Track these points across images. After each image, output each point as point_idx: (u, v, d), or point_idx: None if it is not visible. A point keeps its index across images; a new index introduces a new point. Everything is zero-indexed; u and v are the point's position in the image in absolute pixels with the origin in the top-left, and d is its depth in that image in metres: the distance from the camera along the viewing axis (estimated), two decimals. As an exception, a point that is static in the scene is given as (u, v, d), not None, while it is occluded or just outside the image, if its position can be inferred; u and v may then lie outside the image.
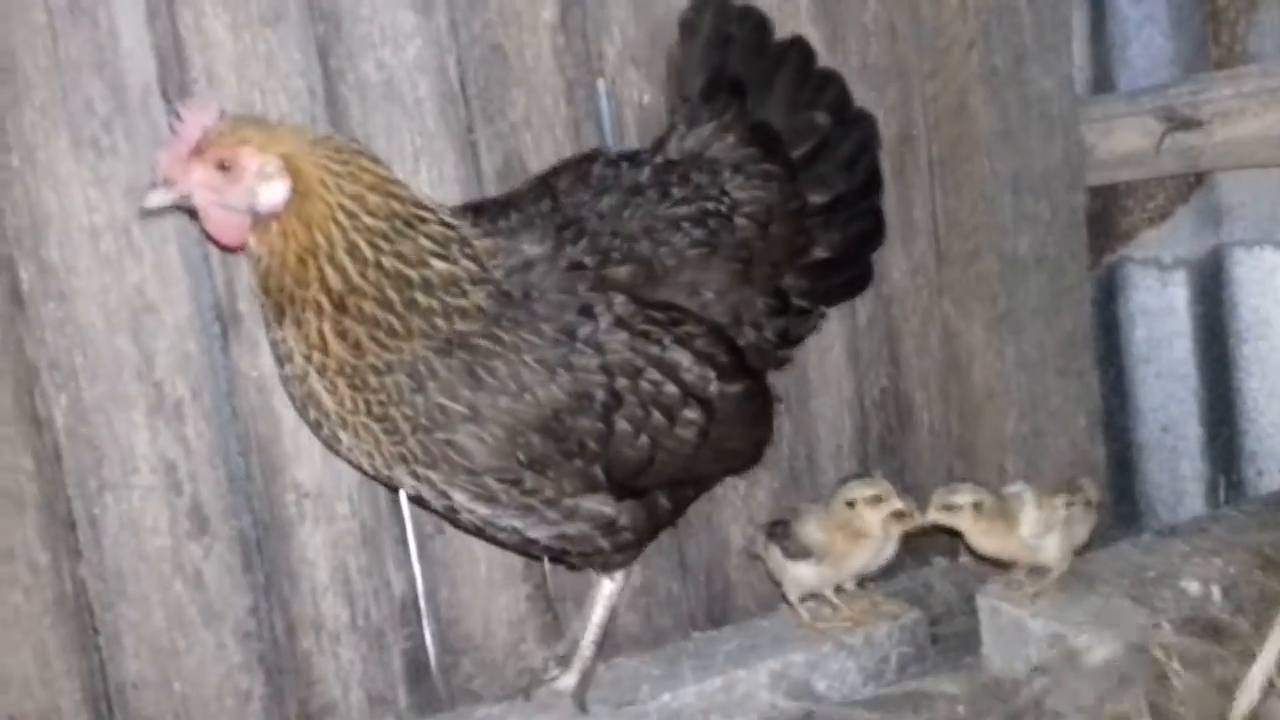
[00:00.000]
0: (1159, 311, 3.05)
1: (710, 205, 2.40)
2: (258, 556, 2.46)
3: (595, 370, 2.20)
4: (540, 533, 2.31)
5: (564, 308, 2.19)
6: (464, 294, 2.12)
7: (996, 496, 2.51)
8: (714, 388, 2.32)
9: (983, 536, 2.51)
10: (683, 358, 2.28)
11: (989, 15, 2.71)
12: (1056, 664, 2.29)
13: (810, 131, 2.51)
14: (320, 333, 2.07)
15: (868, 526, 2.54)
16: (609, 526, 2.33)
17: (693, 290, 2.34)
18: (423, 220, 2.11)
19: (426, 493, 2.25)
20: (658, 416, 2.27)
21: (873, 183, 2.62)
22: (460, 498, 2.23)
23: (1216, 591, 2.46)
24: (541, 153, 2.53)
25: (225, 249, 2.22)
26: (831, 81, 2.56)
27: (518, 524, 2.29)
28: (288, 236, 2.04)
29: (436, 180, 2.46)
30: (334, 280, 2.04)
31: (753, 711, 2.49)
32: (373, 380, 2.10)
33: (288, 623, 2.48)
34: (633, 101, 2.61)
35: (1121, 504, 3.15)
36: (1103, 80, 3.00)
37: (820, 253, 2.52)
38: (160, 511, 2.38)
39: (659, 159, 2.44)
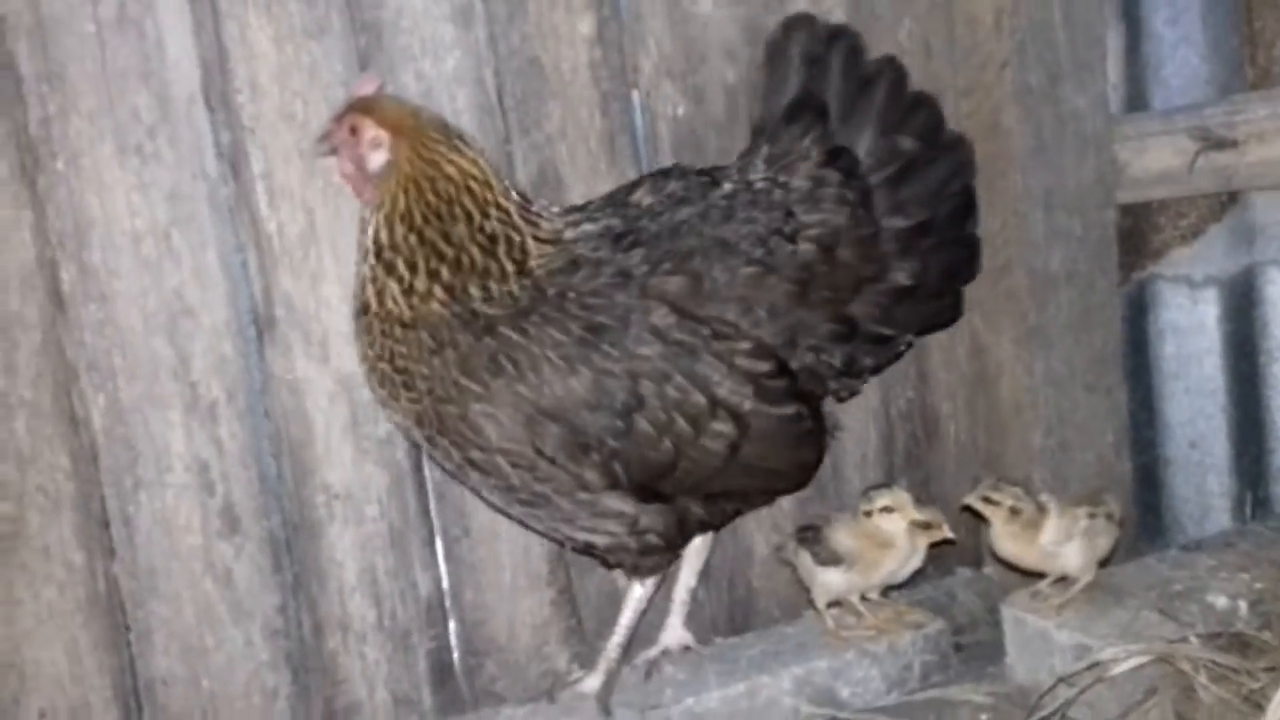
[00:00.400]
0: (1189, 329, 3.03)
1: (774, 226, 2.40)
2: (287, 556, 2.49)
3: (620, 374, 2.25)
4: (557, 524, 2.36)
5: (597, 310, 2.26)
6: (490, 284, 2.25)
7: (1035, 506, 2.52)
8: (749, 405, 2.33)
9: (1007, 539, 2.53)
10: (715, 372, 2.30)
11: (1024, 34, 2.71)
12: (1082, 675, 2.29)
13: (893, 156, 2.47)
14: (363, 277, 2.30)
15: (894, 536, 2.55)
16: (632, 526, 2.35)
17: (745, 308, 2.35)
18: (487, 216, 2.27)
19: (445, 462, 2.35)
20: (682, 424, 2.30)
21: (965, 211, 2.56)
22: (477, 477, 2.31)
23: (1244, 606, 2.46)
24: (576, 164, 2.56)
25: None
26: (923, 105, 2.52)
27: (539, 513, 2.35)
28: (378, 194, 2.29)
29: (472, 190, 2.49)
30: (383, 235, 2.27)
31: (776, 717, 2.51)
32: (398, 331, 2.26)
33: (315, 622, 2.52)
34: (667, 114, 2.62)
35: (1148, 518, 3.13)
36: (1137, 99, 2.99)
37: (901, 279, 2.47)
38: (193, 511, 2.42)
39: (736, 177, 2.45)
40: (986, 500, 2.53)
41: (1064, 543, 2.50)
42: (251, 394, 2.44)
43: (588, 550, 2.48)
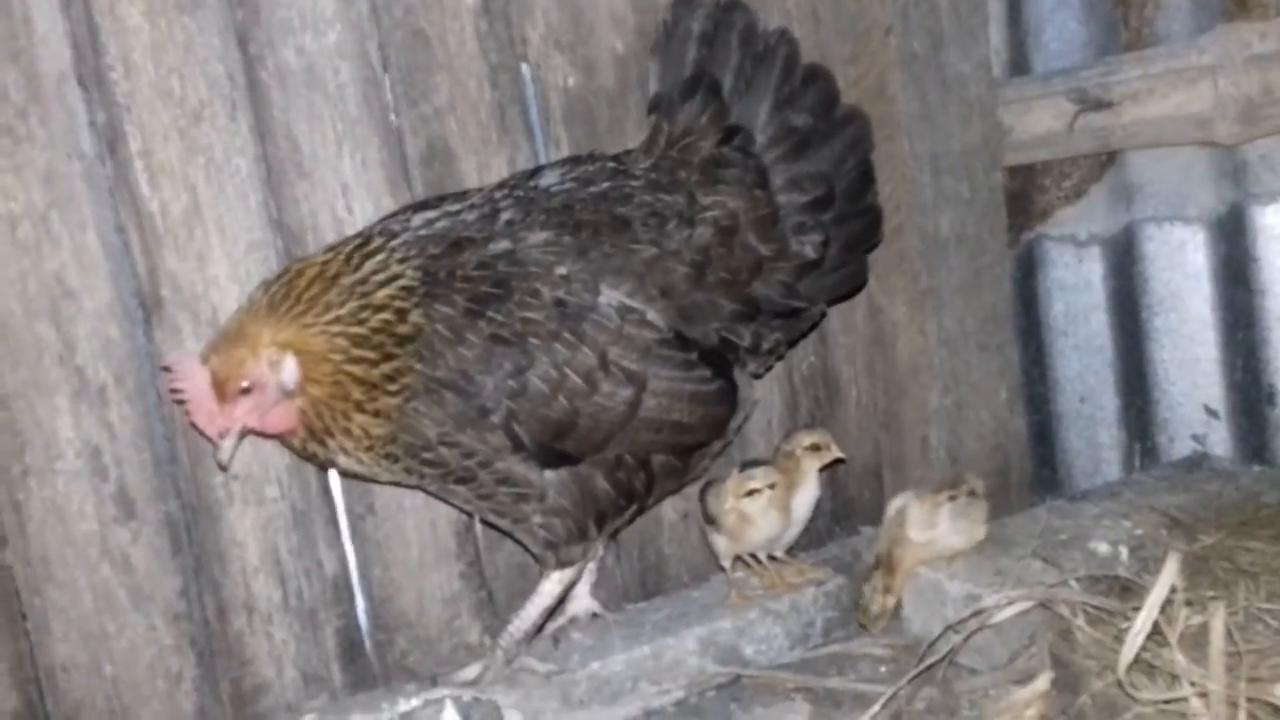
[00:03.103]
0: (1075, 286, 3.12)
1: (676, 209, 2.41)
2: (186, 539, 2.47)
3: (509, 338, 2.26)
4: (478, 506, 2.40)
5: (480, 281, 2.27)
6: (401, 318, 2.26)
7: (888, 542, 2.61)
8: (639, 367, 2.34)
9: (909, 559, 2.60)
10: (601, 334, 2.31)
11: (906, 1, 2.75)
12: (968, 622, 2.35)
13: (788, 133, 2.49)
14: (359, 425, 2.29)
15: (754, 513, 2.60)
16: (540, 499, 2.36)
17: (638, 286, 2.36)
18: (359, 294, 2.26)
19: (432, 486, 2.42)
20: (575, 379, 2.30)
21: (863, 183, 2.58)
22: (431, 474, 2.34)
23: (1124, 552, 2.53)
24: (467, 137, 2.55)
25: (297, 443, 2.34)
26: (816, 79, 2.52)
27: (465, 491, 2.37)
28: (314, 382, 2.26)
29: (360, 166, 2.47)
30: (359, 372, 2.25)
31: (681, 677, 2.54)
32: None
33: (219, 604, 2.50)
34: (558, 85, 2.63)
35: (1043, 471, 3.22)
36: (1019, 63, 3.05)
37: (807, 254, 2.50)
38: (86, 496, 2.39)
39: (644, 160, 2.47)
40: (878, 588, 2.61)
41: (930, 529, 2.57)
42: (141, 376, 2.41)
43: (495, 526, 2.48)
